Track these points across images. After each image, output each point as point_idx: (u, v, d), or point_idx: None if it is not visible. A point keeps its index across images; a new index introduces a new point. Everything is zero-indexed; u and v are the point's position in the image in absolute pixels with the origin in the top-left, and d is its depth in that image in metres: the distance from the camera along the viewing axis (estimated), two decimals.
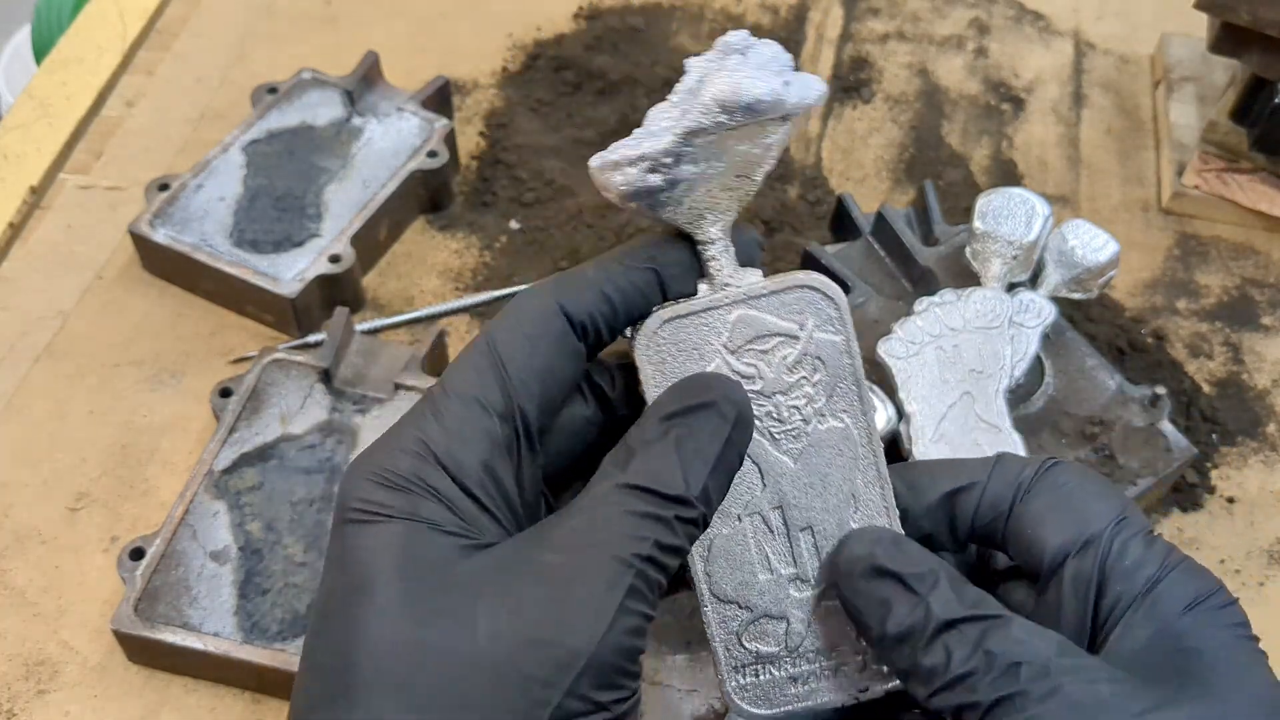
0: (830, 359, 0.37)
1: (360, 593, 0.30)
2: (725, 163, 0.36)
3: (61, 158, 0.83)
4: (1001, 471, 0.37)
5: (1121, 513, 0.36)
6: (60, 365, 0.72)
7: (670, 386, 0.35)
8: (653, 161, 0.35)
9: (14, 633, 0.62)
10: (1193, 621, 0.33)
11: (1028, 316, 0.65)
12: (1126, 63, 0.96)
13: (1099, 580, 0.35)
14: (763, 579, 0.38)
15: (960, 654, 0.33)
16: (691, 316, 0.36)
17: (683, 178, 0.36)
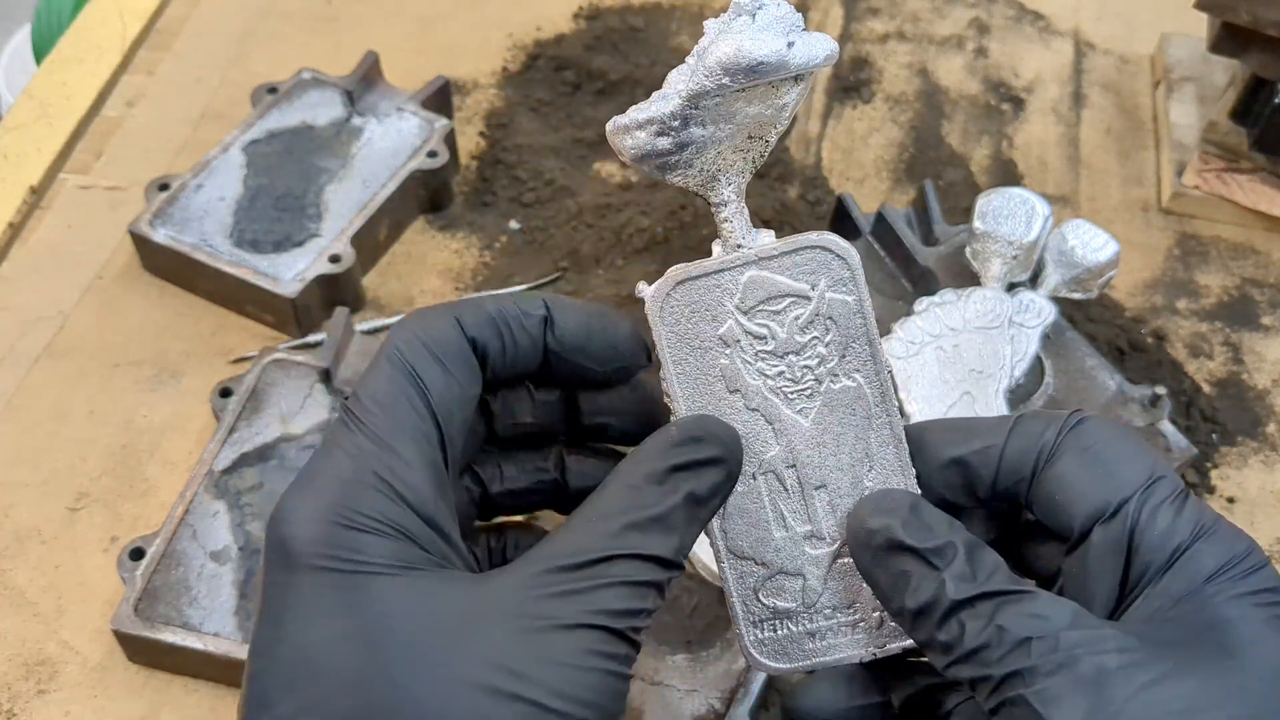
0: (843, 319, 0.37)
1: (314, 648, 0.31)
2: (735, 125, 0.37)
3: (61, 158, 0.83)
4: (1021, 433, 0.36)
5: (1151, 475, 0.35)
6: (60, 365, 0.72)
7: (681, 425, 0.35)
8: (661, 124, 0.36)
9: (14, 633, 0.62)
10: (1215, 590, 0.33)
11: (1028, 316, 0.65)
12: (1126, 63, 0.96)
13: (1128, 548, 0.34)
14: (778, 536, 0.38)
15: (973, 628, 0.33)
16: (704, 278, 0.36)
17: (691, 140, 0.36)
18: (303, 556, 0.31)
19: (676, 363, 0.37)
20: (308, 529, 0.31)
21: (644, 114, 0.36)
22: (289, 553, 0.31)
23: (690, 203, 0.81)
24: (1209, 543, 0.34)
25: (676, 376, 0.37)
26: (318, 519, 0.31)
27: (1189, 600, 0.33)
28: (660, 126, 0.36)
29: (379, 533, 0.31)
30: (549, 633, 0.31)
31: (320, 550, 0.31)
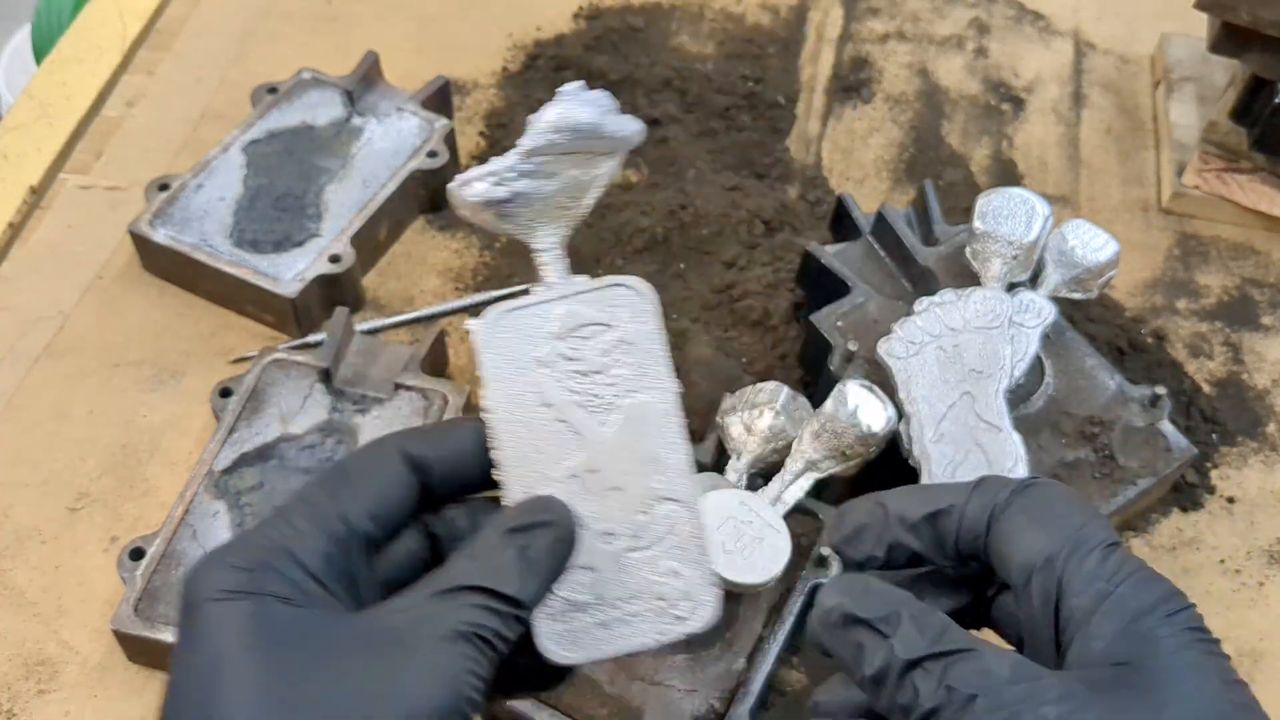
0: (640, 344, 0.43)
1: (214, 667, 0.33)
2: (558, 183, 0.45)
3: (61, 158, 0.84)
4: (980, 494, 0.40)
5: (1081, 528, 0.38)
6: (60, 365, 0.72)
7: (515, 505, 0.40)
8: (499, 176, 0.44)
9: (14, 632, 0.62)
10: (1143, 630, 0.36)
11: (1028, 316, 0.65)
12: (1126, 62, 0.96)
13: (1057, 595, 0.37)
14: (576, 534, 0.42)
15: (926, 689, 0.36)
16: (526, 309, 0.44)
17: (522, 192, 0.44)
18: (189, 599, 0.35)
19: (497, 380, 0.42)
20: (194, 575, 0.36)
21: (486, 169, 0.44)
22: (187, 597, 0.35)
23: (690, 203, 0.81)
24: (1133, 585, 0.37)
25: (495, 393, 0.41)
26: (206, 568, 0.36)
27: (1119, 641, 0.36)
28: (498, 178, 0.44)
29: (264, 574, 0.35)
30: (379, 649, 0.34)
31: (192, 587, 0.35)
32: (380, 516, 0.38)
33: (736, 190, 0.84)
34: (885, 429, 0.60)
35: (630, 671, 0.58)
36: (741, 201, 0.82)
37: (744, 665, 0.59)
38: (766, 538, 0.58)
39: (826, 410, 0.60)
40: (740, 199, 0.83)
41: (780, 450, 0.63)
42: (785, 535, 0.59)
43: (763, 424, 0.62)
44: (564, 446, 0.42)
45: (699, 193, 0.82)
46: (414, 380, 0.67)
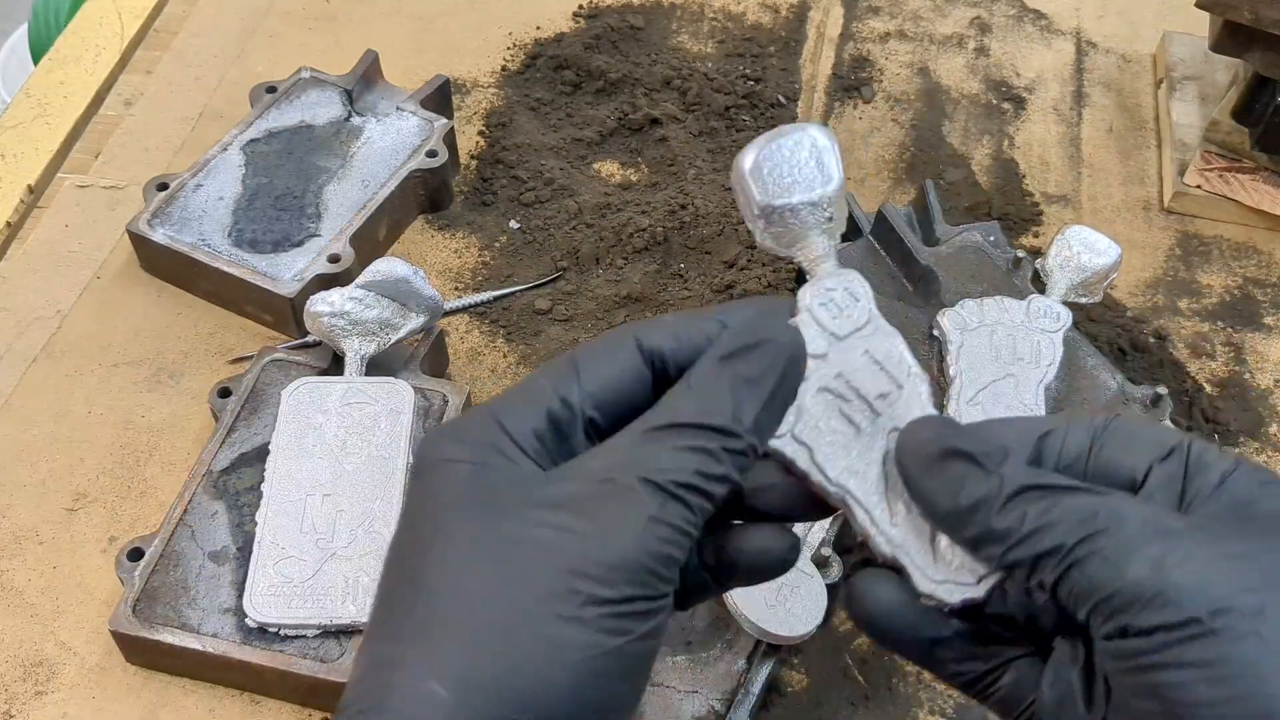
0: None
1: (431, 521, 0.35)
2: (373, 316, 0.66)
3: (59, 157, 0.83)
4: (1076, 422, 0.39)
5: (1189, 435, 0.38)
6: (59, 365, 0.72)
7: (727, 330, 0.37)
8: (337, 304, 0.65)
9: (12, 633, 0.61)
10: (1265, 493, 0.35)
11: (1046, 321, 0.66)
12: (1128, 62, 0.96)
13: (1183, 477, 0.36)
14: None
15: (1035, 511, 0.34)
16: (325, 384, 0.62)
17: (347, 311, 0.65)
18: (415, 466, 0.37)
19: None
20: (421, 446, 0.37)
21: (331, 295, 0.66)
22: (414, 465, 0.37)
23: (690, 203, 0.81)
24: (1251, 468, 0.36)
25: None
26: (431, 438, 0.37)
27: (1242, 504, 0.35)
28: (336, 307, 0.65)
29: (467, 443, 0.36)
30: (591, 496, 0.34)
31: (422, 454, 0.37)
32: (605, 404, 0.36)
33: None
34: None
35: None
36: None
37: (744, 665, 0.59)
38: (801, 585, 0.59)
39: None
40: None
41: None
42: (819, 579, 0.59)
43: None
44: None
45: (699, 193, 0.82)
46: (413, 380, 0.67)
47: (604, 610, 0.33)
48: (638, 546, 0.33)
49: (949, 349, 0.66)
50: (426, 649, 0.33)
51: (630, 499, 0.34)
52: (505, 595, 0.33)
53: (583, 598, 0.32)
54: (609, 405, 0.37)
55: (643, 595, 0.33)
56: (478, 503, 0.35)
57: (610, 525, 0.33)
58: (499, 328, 0.76)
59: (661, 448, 0.34)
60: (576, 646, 0.32)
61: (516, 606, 0.33)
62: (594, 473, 0.35)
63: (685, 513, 0.34)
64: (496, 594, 0.33)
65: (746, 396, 0.35)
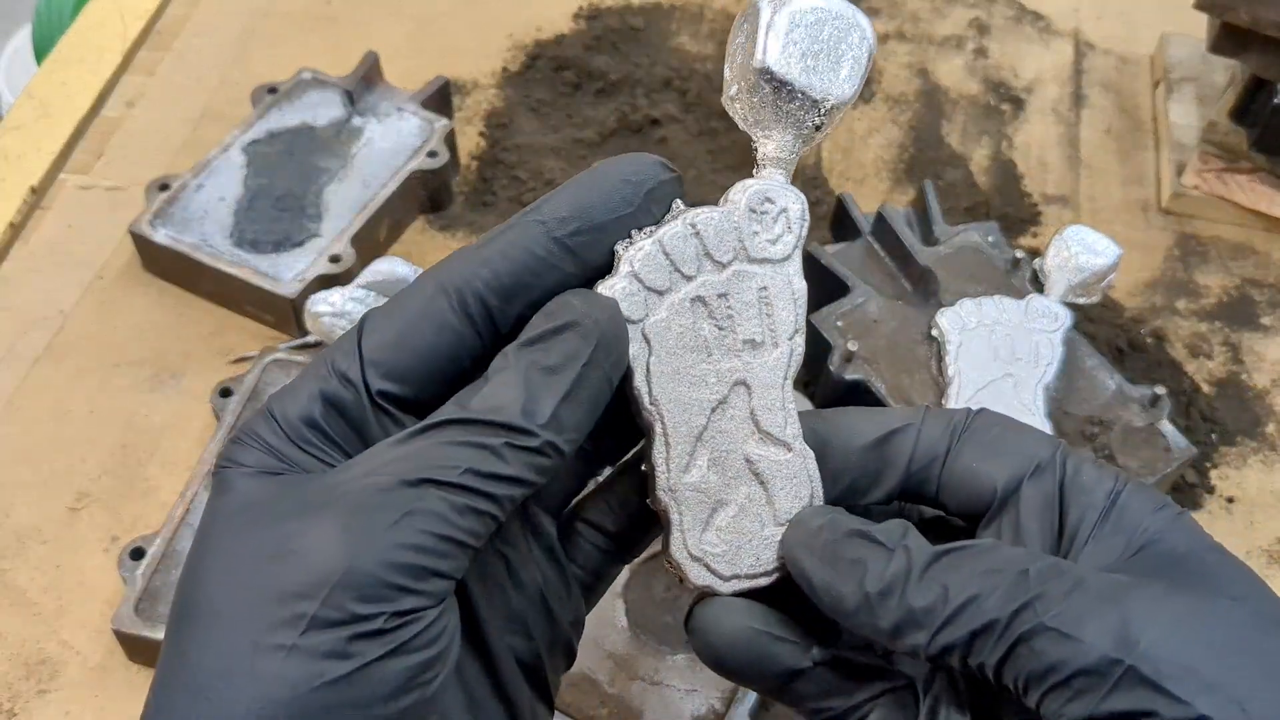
0: None
1: (200, 540, 0.32)
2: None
3: (62, 158, 0.84)
4: (933, 418, 0.36)
5: (1060, 444, 0.35)
6: (61, 365, 0.72)
7: (538, 313, 0.33)
8: (337, 304, 0.65)
9: (14, 632, 0.62)
10: (1164, 527, 0.32)
11: (1044, 322, 0.67)
12: (1126, 63, 0.96)
13: (1060, 499, 0.33)
14: None
15: (958, 581, 0.31)
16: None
17: (348, 312, 0.65)
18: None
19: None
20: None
21: (332, 293, 0.66)
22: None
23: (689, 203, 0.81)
24: (1136, 488, 0.33)
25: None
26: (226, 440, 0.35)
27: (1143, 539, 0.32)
28: (338, 306, 0.66)
29: (245, 445, 0.33)
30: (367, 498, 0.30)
31: (216, 462, 0.33)
32: (403, 371, 0.32)
33: None
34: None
35: (630, 671, 0.58)
36: None
37: None
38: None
39: None
40: None
41: None
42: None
43: None
44: None
45: (699, 193, 0.83)
46: None
47: (330, 634, 0.28)
48: (375, 559, 0.29)
49: (948, 349, 0.66)
50: (167, 698, 0.30)
51: (379, 503, 0.29)
52: (239, 627, 0.29)
53: (306, 622, 0.28)
54: (410, 371, 0.32)
55: (379, 612, 0.29)
56: (247, 513, 0.31)
57: (350, 535, 0.29)
58: None
59: (431, 444, 0.30)
60: (291, 681, 0.28)
61: (234, 641, 0.29)
62: (353, 475, 0.31)
63: (451, 515, 0.30)
64: (230, 625, 0.29)
65: (544, 388, 0.31)
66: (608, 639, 0.59)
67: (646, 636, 0.60)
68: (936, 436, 0.35)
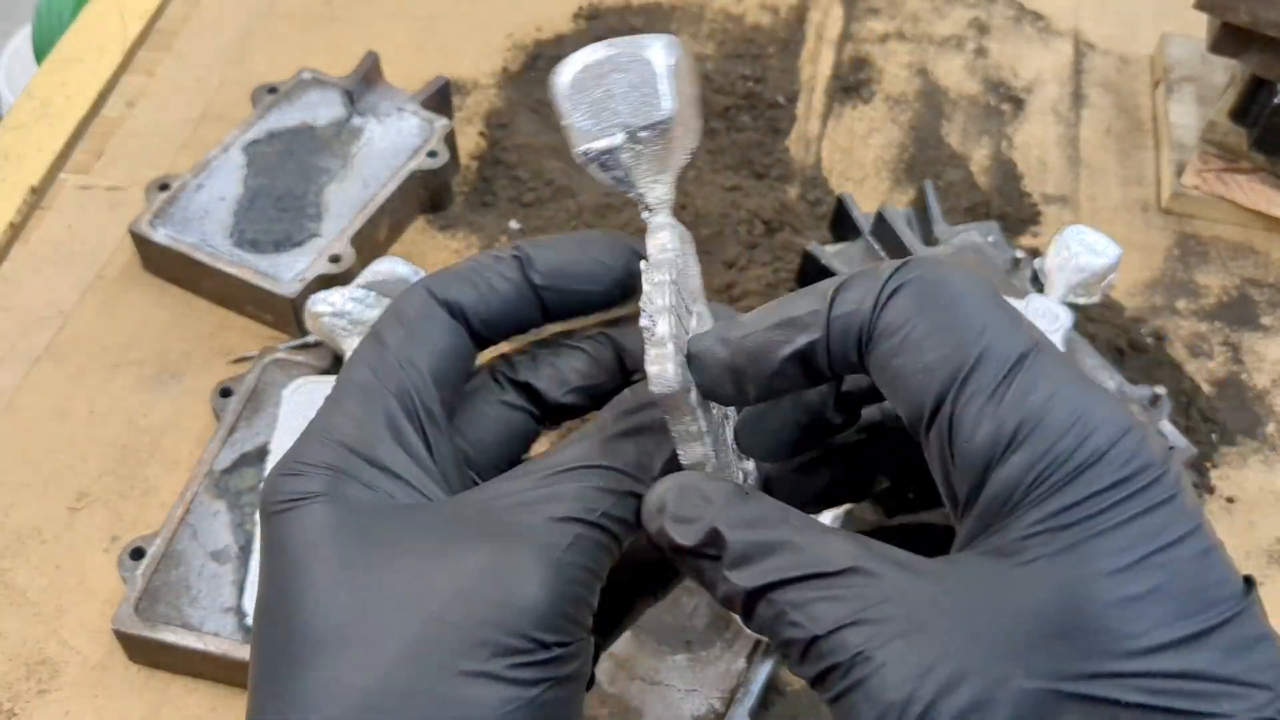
0: None
1: (296, 570, 0.31)
2: (374, 316, 0.63)
3: (62, 158, 0.84)
4: (841, 312, 0.31)
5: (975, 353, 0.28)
6: (61, 365, 0.72)
7: (636, 384, 0.36)
8: (338, 304, 0.64)
9: (14, 632, 0.62)
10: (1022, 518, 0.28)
11: (1044, 322, 0.67)
12: (1126, 63, 0.96)
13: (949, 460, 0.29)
14: None
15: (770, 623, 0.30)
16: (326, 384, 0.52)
17: (348, 311, 0.64)
18: (263, 511, 0.33)
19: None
20: (265, 488, 0.33)
21: (331, 295, 0.65)
22: (261, 510, 0.33)
23: (690, 203, 0.81)
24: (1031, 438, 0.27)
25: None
26: (273, 477, 0.33)
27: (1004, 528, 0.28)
28: (337, 307, 0.65)
29: (309, 474, 0.33)
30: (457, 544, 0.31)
31: (266, 499, 0.33)
32: (434, 373, 0.34)
33: (736, 190, 0.84)
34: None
35: (630, 671, 0.58)
36: (741, 201, 0.82)
37: (744, 665, 0.59)
38: None
39: None
40: (740, 199, 0.83)
41: None
42: None
43: None
44: None
45: (699, 193, 0.83)
46: None
47: (515, 660, 0.30)
48: (548, 590, 0.30)
49: None
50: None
51: (536, 538, 0.31)
52: (399, 653, 0.29)
53: (490, 649, 0.29)
54: (439, 374, 0.34)
55: (556, 641, 0.30)
56: (344, 544, 0.31)
57: (516, 567, 0.30)
58: None
59: (572, 487, 0.32)
60: (489, 704, 0.29)
61: (414, 665, 0.29)
62: (493, 510, 0.32)
63: (595, 552, 0.32)
64: (388, 652, 0.30)
65: (652, 445, 0.34)
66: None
67: (646, 636, 0.60)
68: (847, 347, 0.31)
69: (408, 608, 0.30)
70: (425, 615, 0.30)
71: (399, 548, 0.31)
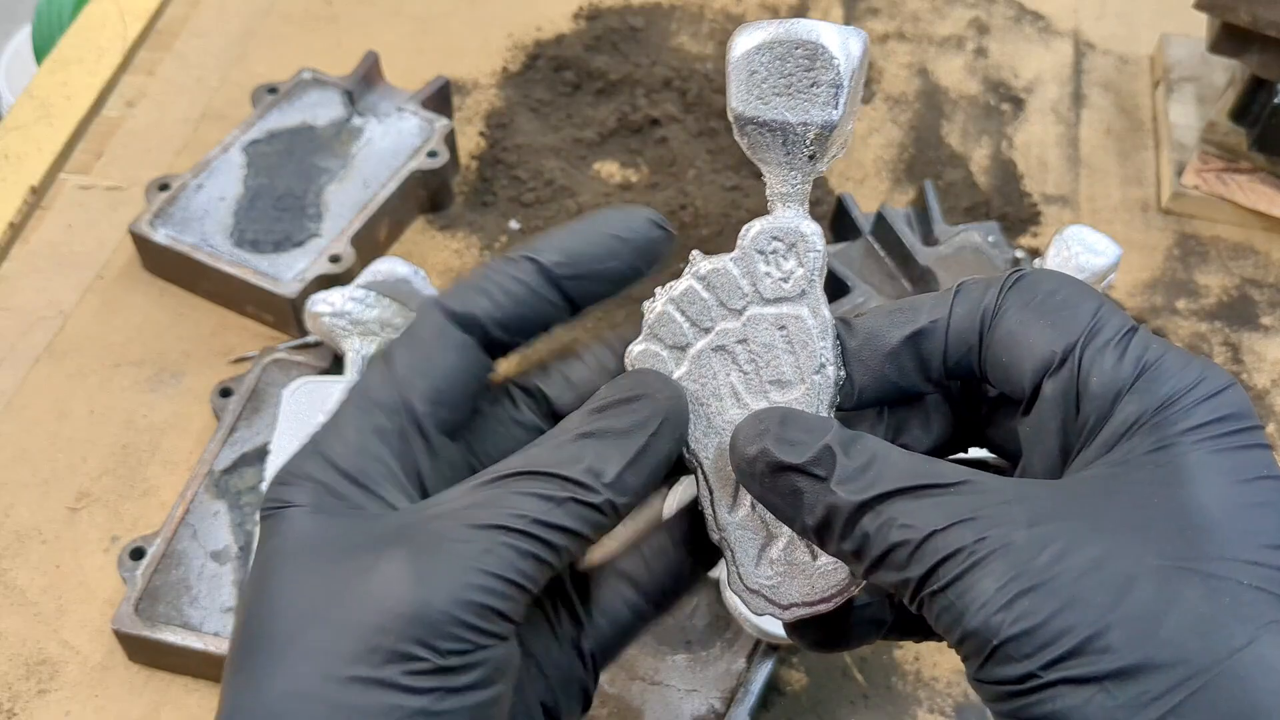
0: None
1: (263, 574, 0.33)
2: (373, 316, 0.64)
3: (62, 158, 0.84)
4: (964, 300, 0.34)
5: (1096, 316, 0.32)
6: (61, 365, 0.72)
7: (606, 384, 0.36)
8: (338, 304, 0.64)
9: (15, 632, 0.62)
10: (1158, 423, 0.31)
11: None
12: (1126, 63, 0.96)
13: (1076, 399, 0.32)
14: None
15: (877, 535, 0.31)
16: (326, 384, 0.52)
17: (348, 311, 0.64)
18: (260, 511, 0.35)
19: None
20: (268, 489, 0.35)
21: (332, 295, 0.65)
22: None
23: (690, 203, 0.81)
24: (1150, 379, 0.31)
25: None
26: (272, 481, 0.35)
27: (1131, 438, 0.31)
28: (338, 306, 0.65)
29: (296, 485, 0.34)
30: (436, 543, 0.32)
31: (264, 505, 0.34)
32: (436, 390, 0.34)
33: (736, 190, 0.84)
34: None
35: (630, 671, 0.58)
36: (741, 201, 0.82)
37: (744, 665, 0.59)
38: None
39: None
40: (740, 199, 0.83)
41: None
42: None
43: None
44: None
45: (699, 193, 0.83)
46: None
47: (407, 667, 0.30)
48: (448, 597, 0.30)
49: None
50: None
51: (452, 546, 0.31)
52: (314, 657, 0.31)
53: (382, 656, 0.30)
54: (441, 394, 0.35)
55: (452, 649, 0.30)
56: (312, 551, 0.32)
57: (426, 574, 0.31)
58: None
59: (502, 493, 0.32)
60: (373, 710, 0.30)
61: (317, 671, 0.30)
62: (424, 519, 0.32)
63: (519, 561, 0.31)
64: (301, 658, 0.31)
65: (612, 451, 0.33)
66: None
67: (646, 637, 0.60)
68: (966, 326, 0.34)
69: (323, 615, 0.31)
70: (334, 623, 0.31)
71: (343, 557, 0.32)
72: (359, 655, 0.30)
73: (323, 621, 0.31)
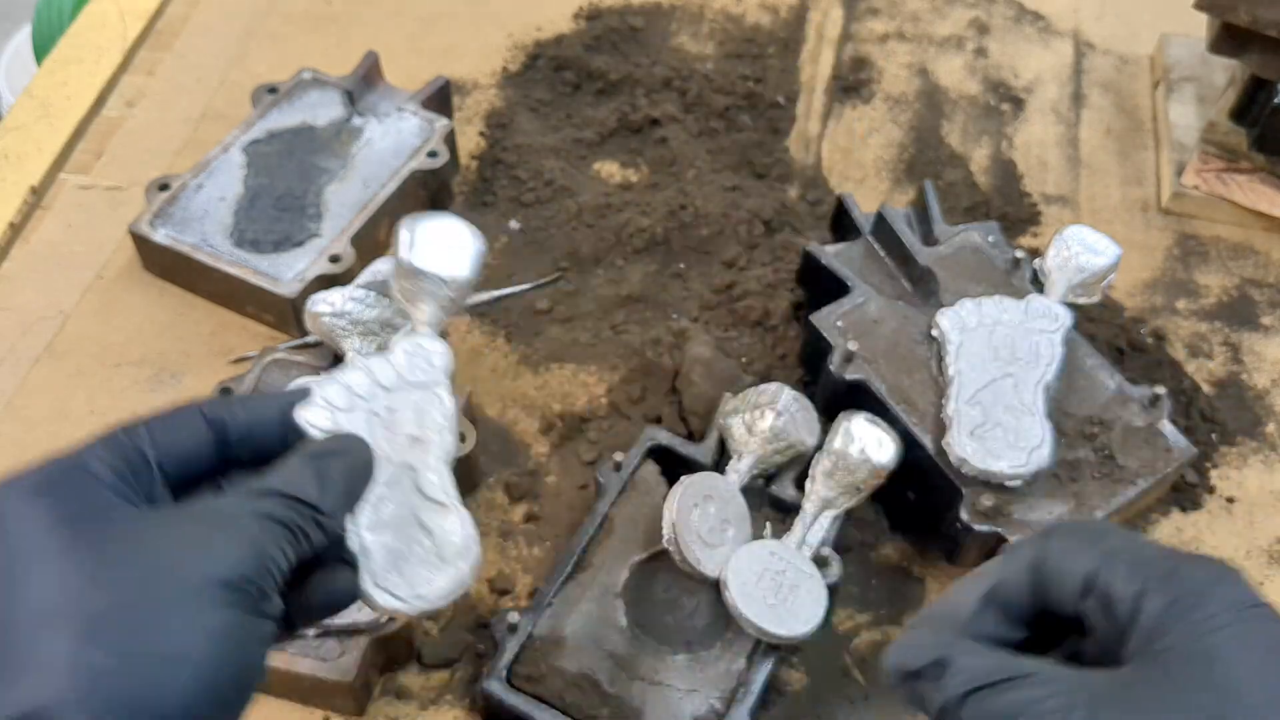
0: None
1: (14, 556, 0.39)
2: (373, 316, 0.64)
3: (62, 158, 0.84)
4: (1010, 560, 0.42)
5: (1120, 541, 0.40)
6: (61, 365, 0.72)
7: (320, 440, 0.46)
8: (338, 304, 0.63)
9: None
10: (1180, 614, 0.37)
11: (1044, 322, 0.67)
12: (1126, 63, 0.96)
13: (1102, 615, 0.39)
14: None
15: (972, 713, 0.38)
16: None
17: (348, 311, 0.63)
18: None
19: None
20: None
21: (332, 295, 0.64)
22: None
23: (690, 203, 0.81)
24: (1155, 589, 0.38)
25: None
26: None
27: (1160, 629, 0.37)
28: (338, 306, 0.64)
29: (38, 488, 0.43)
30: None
31: None
32: (173, 457, 0.43)
33: (736, 190, 0.84)
34: (894, 460, 0.61)
35: (630, 671, 0.58)
36: (741, 201, 0.82)
37: (744, 665, 0.59)
38: (803, 584, 0.59)
39: (836, 448, 0.62)
40: (740, 199, 0.83)
41: (782, 451, 0.63)
42: (819, 579, 0.60)
43: (764, 425, 0.62)
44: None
45: (699, 193, 0.83)
46: None
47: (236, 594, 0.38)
48: (253, 550, 0.40)
49: (948, 349, 0.66)
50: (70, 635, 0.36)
51: (244, 522, 0.40)
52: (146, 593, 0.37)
53: (219, 584, 0.38)
54: (175, 458, 0.43)
55: (259, 586, 0.39)
56: (73, 523, 0.39)
57: (233, 537, 0.40)
58: (499, 328, 0.76)
59: (265, 498, 0.42)
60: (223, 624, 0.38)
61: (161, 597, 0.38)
62: (215, 508, 0.42)
63: (280, 542, 0.41)
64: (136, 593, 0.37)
65: (329, 486, 0.43)
66: (608, 639, 0.59)
67: (646, 636, 0.60)
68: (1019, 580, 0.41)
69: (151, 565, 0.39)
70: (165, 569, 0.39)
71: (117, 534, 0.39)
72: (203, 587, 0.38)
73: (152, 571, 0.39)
